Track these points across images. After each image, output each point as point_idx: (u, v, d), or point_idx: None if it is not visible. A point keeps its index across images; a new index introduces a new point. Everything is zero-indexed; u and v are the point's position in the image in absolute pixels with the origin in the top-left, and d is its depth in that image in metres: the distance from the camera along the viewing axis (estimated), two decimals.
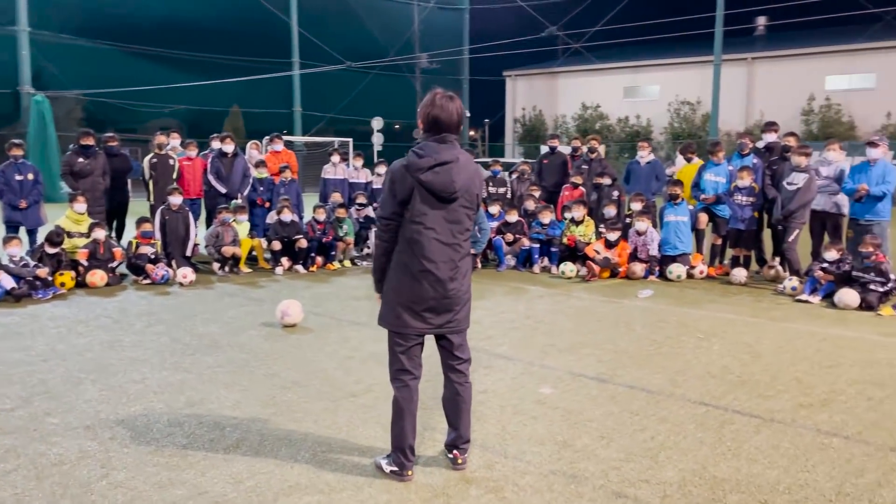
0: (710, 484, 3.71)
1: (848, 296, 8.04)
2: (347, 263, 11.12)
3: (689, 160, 10.92)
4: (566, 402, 4.94)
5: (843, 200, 9.29)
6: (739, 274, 9.58)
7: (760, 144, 10.38)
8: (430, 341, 3.82)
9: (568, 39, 38.71)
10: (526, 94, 41.26)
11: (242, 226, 10.53)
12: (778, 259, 9.75)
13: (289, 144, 14.82)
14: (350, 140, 30.14)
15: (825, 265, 8.52)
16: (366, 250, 11.76)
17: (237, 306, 8.07)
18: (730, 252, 10.23)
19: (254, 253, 10.72)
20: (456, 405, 3.86)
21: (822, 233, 9.50)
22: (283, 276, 10.09)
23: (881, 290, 8.00)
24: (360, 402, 4.92)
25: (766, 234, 10.06)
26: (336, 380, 5.42)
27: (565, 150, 12.95)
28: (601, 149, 12.35)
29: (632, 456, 4.05)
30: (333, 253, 10.88)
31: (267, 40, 35.34)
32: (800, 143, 10.07)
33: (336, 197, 11.66)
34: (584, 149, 12.01)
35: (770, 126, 10.45)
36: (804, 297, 8.46)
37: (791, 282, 8.88)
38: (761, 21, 38.96)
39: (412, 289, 3.59)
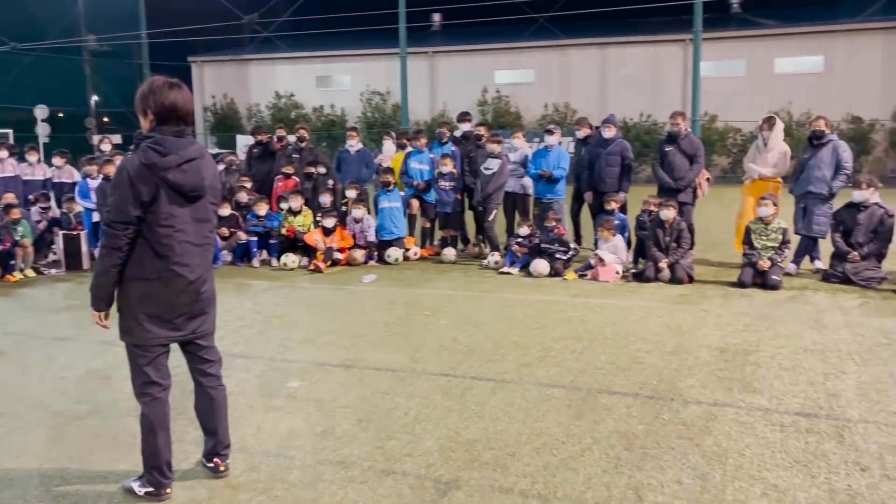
0: (466, 447, 4.02)
1: (540, 265, 9.18)
2: (31, 273, 9.70)
3: (402, 147, 11.44)
4: (317, 392, 4.95)
5: (529, 182, 10.55)
6: (449, 253, 10.37)
7: (457, 133, 11.29)
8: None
9: (258, 27, 37.82)
10: (215, 82, 39.42)
11: None
12: (480, 237, 10.76)
13: None
14: (10, 132, 26.12)
15: (519, 240, 9.62)
16: (51, 256, 10.36)
17: None
18: (438, 233, 11.00)
19: None
20: (211, 410, 3.67)
21: (514, 211, 10.69)
22: None
23: (564, 257, 9.27)
24: (87, 425, 4.39)
25: (469, 216, 11.00)
26: (52, 404, 4.75)
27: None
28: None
29: (391, 434, 4.21)
30: (13, 262, 9.40)
31: None
32: (490, 131, 11.17)
33: (8, 197, 10.07)
34: (292, 138, 11.93)
35: (464, 116, 11.41)
36: (505, 269, 9.45)
37: (493, 256, 9.87)
38: (437, 18, 42.03)
39: (162, 297, 3.28)
